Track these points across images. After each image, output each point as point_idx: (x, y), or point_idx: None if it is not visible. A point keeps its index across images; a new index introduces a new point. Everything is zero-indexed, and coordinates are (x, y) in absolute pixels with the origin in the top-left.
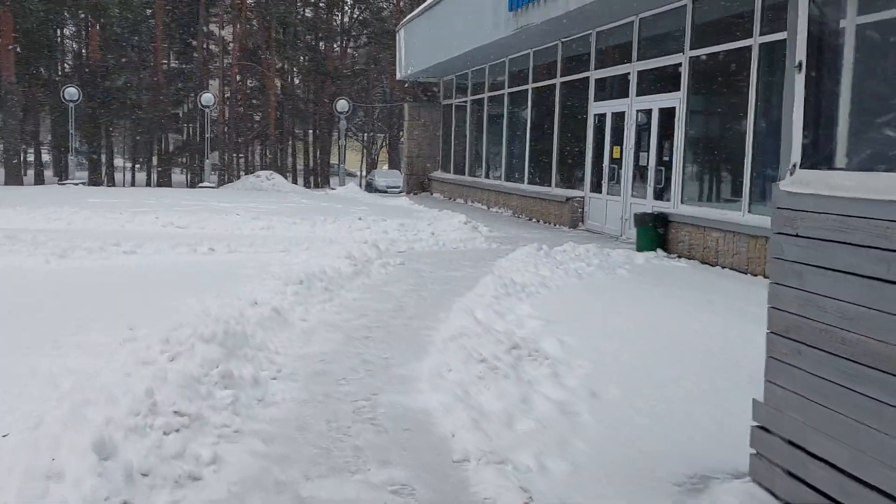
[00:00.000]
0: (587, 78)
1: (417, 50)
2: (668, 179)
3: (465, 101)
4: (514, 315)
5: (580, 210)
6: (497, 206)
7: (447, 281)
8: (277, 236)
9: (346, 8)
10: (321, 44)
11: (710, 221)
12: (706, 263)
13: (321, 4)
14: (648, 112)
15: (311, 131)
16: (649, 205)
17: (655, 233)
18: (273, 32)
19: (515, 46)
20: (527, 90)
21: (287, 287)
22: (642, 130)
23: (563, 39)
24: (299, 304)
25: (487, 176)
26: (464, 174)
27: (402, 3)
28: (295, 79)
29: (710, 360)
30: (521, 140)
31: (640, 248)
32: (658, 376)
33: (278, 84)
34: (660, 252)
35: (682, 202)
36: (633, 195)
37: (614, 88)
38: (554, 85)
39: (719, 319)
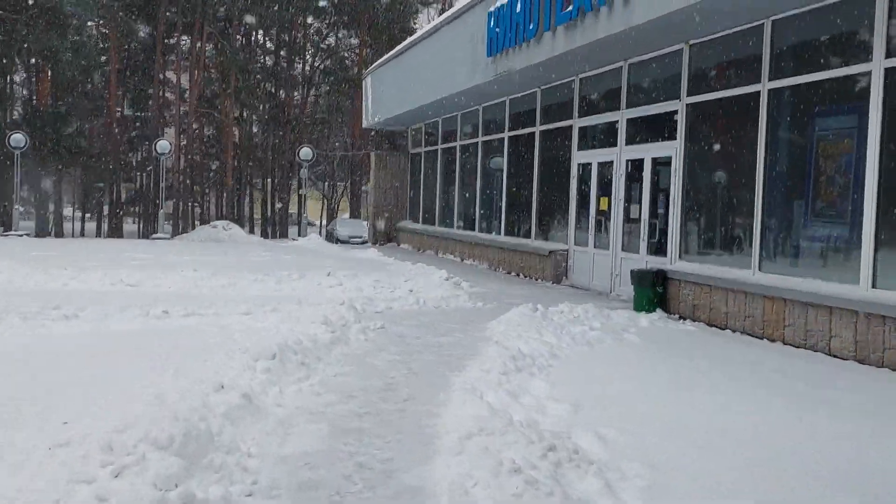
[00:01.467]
0: (570, 126)
1: (384, 98)
2: (664, 233)
3: (436, 150)
4: (530, 396)
5: (564, 264)
6: (471, 259)
7: (437, 349)
8: (240, 295)
9: (308, 56)
10: (281, 92)
11: (716, 280)
12: (714, 326)
13: (282, 53)
14: (640, 162)
15: (269, 180)
16: (643, 260)
17: (654, 291)
18: (232, 80)
19: (491, 93)
20: (503, 139)
21: (257, 363)
22: (633, 181)
23: (543, 87)
24: (272, 383)
25: (460, 227)
26: (434, 224)
27: (365, 52)
28: (254, 127)
29: (823, 473)
30: (497, 190)
31: (637, 308)
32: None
33: (236, 132)
34: (660, 312)
35: (679, 257)
36: (623, 250)
37: (601, 137)
38: (533, 133)
39: (781, 404)
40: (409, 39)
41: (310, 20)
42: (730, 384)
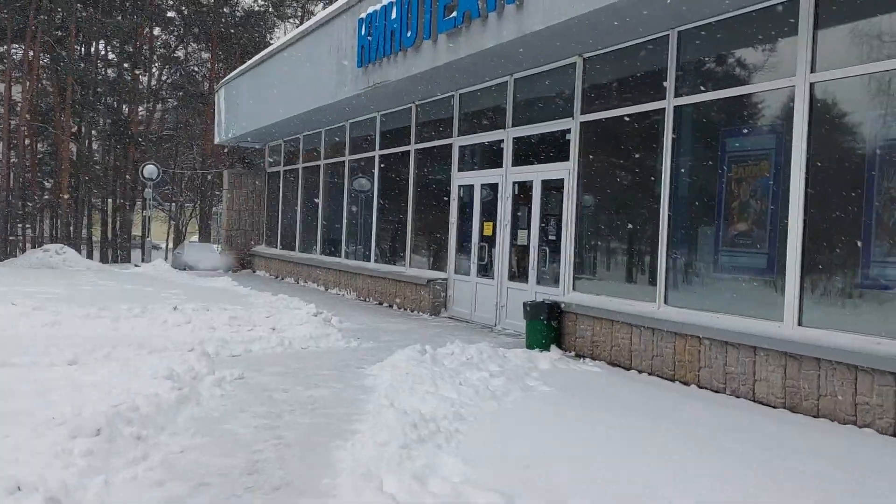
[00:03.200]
0: (450, 145)
1: (240, 112)
2: (555, 261)
3: (297, 168)
4: (443, 481)
5: (444, 294)
6: (337, 288)
7: (312, 407)
8: (68, 336)
9: (154, 69)
10: (125, 106)
11: (617, 314)
12: (617, 365)
13: (125, 65)
14: (528, 184)
15: (110, 200)
16: (532, 290)
17: (549, 326)
18: (69, 93)
19: (361, 108)
20: (373, 157)
21: (75, 442)
22: (521, 205)
23: (420, 102)
24: (96, 472)
25: (325, 252)
26: (294, 249)
27: (216, 67)
28: (94, 143)
29: None
30: (367, 213)
31: (531, 344)
32: None
33: (73, 149)
34: (556, 350)
35: (573, 288)
36: (510, 279)
37: (484, 157)
38: (408, 152)
39: (757, 480)
40: (269, 49)
41: (157, 31)
42: (683, 450)
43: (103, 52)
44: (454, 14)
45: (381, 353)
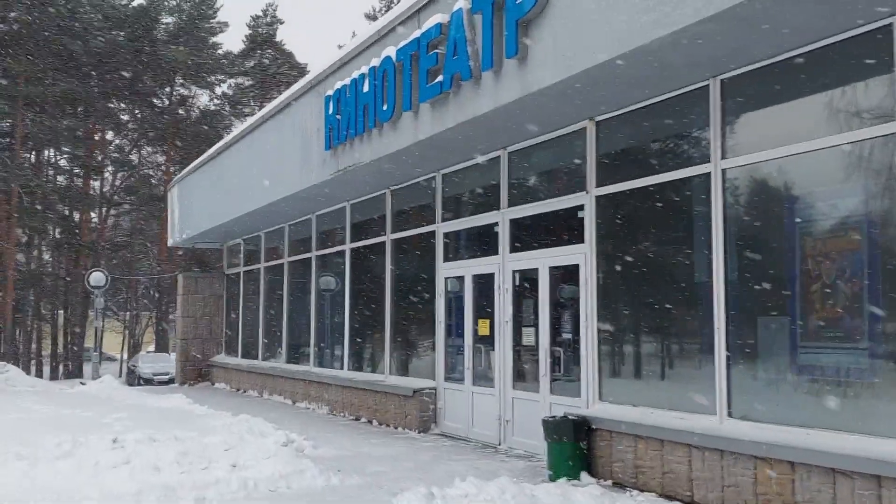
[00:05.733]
0: (432, 232)
1: (194, 211)
2: (573, 364)
3: (258, 269)
4: None
5: (432, 407)
6: (307, 401)
7: None
8: None
9: (107, 174)
10: (76, 213)
11: (666, 431)
12: (673, 499)
13: (76, 170)
14: (533, 273)
15: (61, 312)
16: (545, 401)
17: (578, 448)
18: (15, 200)
19: (328, 197)
20: (344, 251)
21: None
22: (524, 298)
23: (395, 187)
24: None
25: (291, 360)
26: (257, 358)
27: (172, 169)
28: (43, 253)
29: None
30: (338, 314)
31: (555, 473)
32: None
33: (21, 259)
34: (586, 478)
35: (600, 398)
36: (514, 388)
37: (475, 244)
38: (383, 243)
39: None
40: (224, 140)
41: (109, 135)
42: None
43: (53, 159)
44: (440, 78)
45: (371, 494)
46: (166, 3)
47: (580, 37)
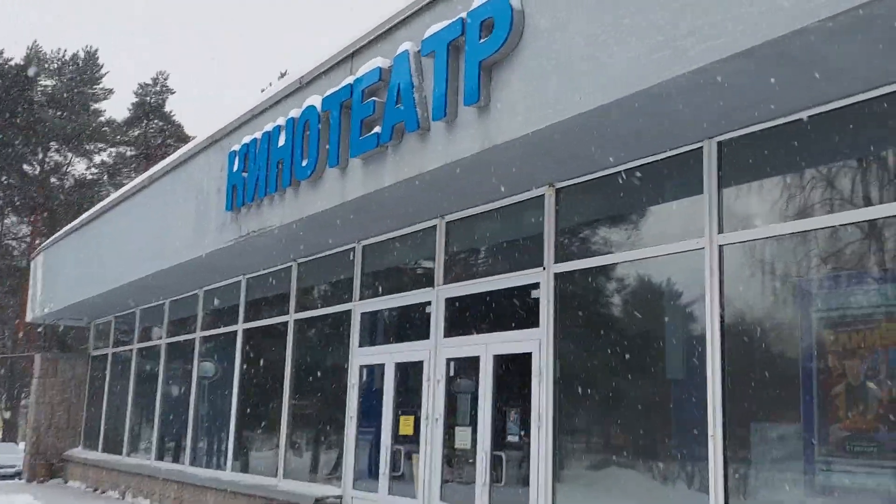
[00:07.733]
0: (348, 312)
1: (60, 281)
2: (520, 470)
3: (130, 350)
4: None
5: None
6: None
7: None
8: None
9: None
10: None
11: None
12: None
13: None
14: (472, 361)
15: None
16: None
17: None
18: None
19: (221, 270)
20: (235, 332)
21: None
22: (459, 391)
23: (303, 259)
24: None
25: (163, 457)
26: (120, 454)
27: (37, 241)
28: None
29: None
30: (223, 405)
31: None
32: None
33: None
34: None
35: None
36: (442, 498)
37: (401, 326)
38: (285, 324)
39: None
40: (101, 204)
41: None
42: None
43: None
44: (377, 129)
45: None
46: (46, 66)
47: (563, 79)
